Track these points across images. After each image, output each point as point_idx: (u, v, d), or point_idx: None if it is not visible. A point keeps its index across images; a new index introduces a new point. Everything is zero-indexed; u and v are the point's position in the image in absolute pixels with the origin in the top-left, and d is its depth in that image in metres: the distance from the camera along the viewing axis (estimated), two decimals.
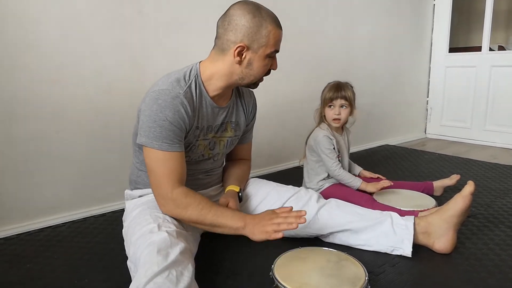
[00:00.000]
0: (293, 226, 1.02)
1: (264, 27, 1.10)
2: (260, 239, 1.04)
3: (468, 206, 1.24)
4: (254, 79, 1.18)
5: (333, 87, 1.71)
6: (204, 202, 1.10)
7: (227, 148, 1.33)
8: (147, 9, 1.77)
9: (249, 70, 1.15)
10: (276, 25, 1.13)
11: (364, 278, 1.01)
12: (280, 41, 1.16)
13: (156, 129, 1.07)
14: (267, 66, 1.17)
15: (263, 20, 1.10)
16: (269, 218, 1.06)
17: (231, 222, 1.08)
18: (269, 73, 1.21)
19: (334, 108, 1.70)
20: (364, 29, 2.87)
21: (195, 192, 1.13)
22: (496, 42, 3.70)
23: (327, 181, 1.76)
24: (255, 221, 1.07)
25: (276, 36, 1.13)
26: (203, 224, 1.09)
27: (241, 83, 1.18)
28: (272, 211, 1.11)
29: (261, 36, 1.10)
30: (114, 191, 1.75)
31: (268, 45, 1.12)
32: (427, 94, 3.51)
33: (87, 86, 1.64)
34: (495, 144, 3.06)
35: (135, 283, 0.87)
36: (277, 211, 1.10)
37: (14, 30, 1.45)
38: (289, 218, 1.04)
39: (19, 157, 1.52)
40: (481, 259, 1.24)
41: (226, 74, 1.15)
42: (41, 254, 1.33)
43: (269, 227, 1.04)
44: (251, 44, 1.11)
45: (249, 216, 1.10)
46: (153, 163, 1.09)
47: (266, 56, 1.14)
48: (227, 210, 1.12)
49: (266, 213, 1.10)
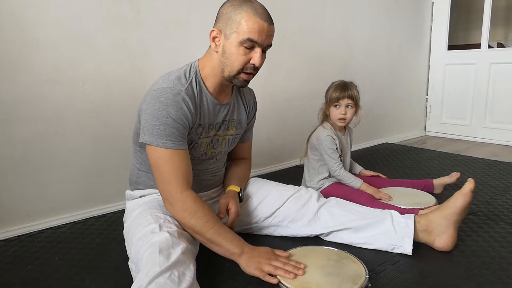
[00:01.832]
0: (290, 276, 1.01)
1: (238, 13, 1.08)
2: (253, 274, 1.03)
3: (468, 204, 1.24)
4: (231, 70, 1.12)
5: (339, 87, 1.70)
6: (211, 215, 1.08)
7: (229, 147, 1.33)
8: (146, 8, 1.77)
9: (225, 59, 1.12)
10: (253, 13, 1.07)
11: (365, 276, 1.02)
12: (259, 32, 1.07)
13: (160, 127, 1.07)
14: (242, 56, 1.10)
15: (241, 7, 1.08)
16: (268, 258, 1.05)
17: (229, 245, 1.07)
18: (255, 69, 1.14)
19: (340, 108, 1.69)
20: (364, 26, 2.87)
21: (204, 201, 1.12)
22: (495, 39, 3.70)
23: (328, 180, 1.76)
24: (253, 254, 1.06)
25: (250, 23, 1.06)
26: (203, 236, 1.08)
27: (223, 75, 1.15)
28: (272, 251, 1.10)
29: (232, 22, 1.08)
30: (115, 192, 1.75)
31: (239, 32, 1.07)
32: (427, 92, 3.51)
33: (87, 86, 1.64)
34: (495, 141, 3.06)
35: (137, 283, 0.87)
36: (277, 253, 1.10)
37: (13, 30, 1.45)
38: (288, 266, 1.04)
39: (20, 158, 1.52)
40: (482, 256, 1.24)
41: (215, 67, 1.16)
42: (42, 256, 1.33)
43: (265, 267, 1.03)
44: (224, 29, 1.10)
45: (248, 246, 1.09)
46: (159, 162, 1.09)
47: (239, 44, 1.08)
48: (230, 232, 1.10)
49: (266, 251, 1.09)
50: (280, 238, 1.38)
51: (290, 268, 1.03)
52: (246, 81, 1.16)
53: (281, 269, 1.03)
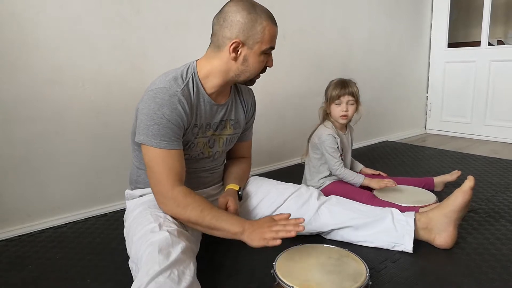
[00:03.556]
0: (292, 234, 1.01)
1: (259, 23, 1.10)
2: (258, 245, 1.04)
3: (468, 201, 1.24)
4: (250, 75, 1.18)
5: (338, 84, 1.70)
6: (204, 204, 1.09)
7: (226, 146, 1.33)
8: (146, 8, 1.76)
9: (245, 67, 1.15)
10: (271, 22, 1.13)
11: (365, 274, 1.02)
12: (276, 37, 1.16)
13: (154, 127, 1.07)
14: (262, 62, 1.17)
15: (258, 16, 1.10)
16: (268, 225, 1.06)
17: (230, 226, 1.07)
18: (265, 70, 1.21)
19: (341, 105, 1.69)
20: (363, 25, 2.86)
21: (196, 193, 1.13)
22: (495, 36, 3.70)
23: (328, 178, 1.76)
24: (254, 227, 1.07)
25: (272, 33, 1.13)
26: (202, 225, 1.09)
27: (237, 80, 1.19)
28: (270, 217, 1.11)
29: (256, 32, 1.10)
30: (115, 191, 1.75)
31: (263, 41, 1.12)
32: (427, 90, 3.51)
33: (86, 86, 1.64)
34: (495, 138, 3.06)
35: (137, 283, 0.87)
36: (276, 218, 1.10)
37: (13, 31, 1.45)
38: (288, 226, 1.04)
39: (20, 158, 1.52)
40: (482, 253, 1.24)
41: (222, 71, 1.16)
42: (43, 255, 1.33)
43: (267, 234, 1.03)
44: (246, 40, 1.11)
45: (248, 222, 1.09)
46: (152, 161, 1.09)
47: (262, 53, 1.14)
48: (227, 214, 1.12)
49: (265, 220, 1.10)
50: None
51: (290, 228, 1.03)
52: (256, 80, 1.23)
53: (282, 231, 1.03)
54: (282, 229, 1.03)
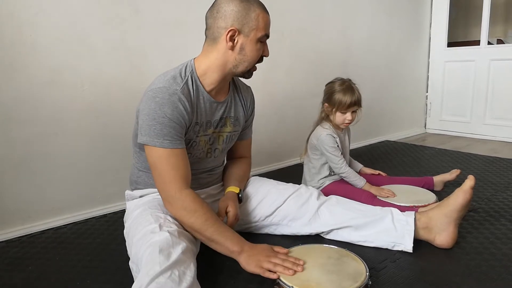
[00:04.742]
0: (289, 273, 1.01)
1: (252, 10, 1.12)
2: (253, 271, 1.04)
3: (468, 201, 1.24)
4: (248, 65, 1.18)
5: (347, 92, 1.64)
6: (210, 214, 1.10)
7: (226, 144, 1.33)
8: (144, 8, 1.76)
9: (243, 56, 1.15)
10: (263, 9, 1.15)
11: (365, 274, 1.02)
12: (269, 25, 1.17)
13: (157, 127, 1.07)
14: (259, 51, 1.17)
15: (250, 4, 1.12)
16: (267, 255, 1.06)
17: (229, 243, 1.08)
18: (262, 60, 1.21)
19: (347, 114, 1.67)
20: (363, 24, 2.86)
21: (203, 200, 1.13)
22: (495, 35, 3.69)
23: (328, 178, 1.75)
24: (253, 252, 1.07)
25: (265, 20, 1.14)
26: (202, 235, 1.09)
27: (235, 71, 1.18)
28: (270, 247, 1.11)
29: (250, 19, 1.11)
30: (115, 192, 1.75)
31: (258, 28, 1.13)
32: (426, 89, 3.51)
33: (85, 87, 1.64)
34: (495, 138, 3.06)
35: (137, 283, 0.87)
36: (276, 250, 1.10)
37: (12, 32, 1.45)
38: (287, 262, 1.04)
39: (20, 159, 1.52)
40: (482, 253, 1.24)
41: (220, 64, 1.16)
42: (43, 256, 1.33)
43: (265, 264, 1.04)
44: (242, 28, 1.12)
45: (248, 244, 1.09)
46: (157, 161, 1.09)
47: (258, 40, 1.14)
48: (230, 230, 1.12)
49: (265, 248, 1.10)
50: (280, 237, 1.38)
51: (289, 265, 1.03)
52: (253, 72, 1.24)
53: (280, 265, 1.03)
54: (281, 264, 1.04)
